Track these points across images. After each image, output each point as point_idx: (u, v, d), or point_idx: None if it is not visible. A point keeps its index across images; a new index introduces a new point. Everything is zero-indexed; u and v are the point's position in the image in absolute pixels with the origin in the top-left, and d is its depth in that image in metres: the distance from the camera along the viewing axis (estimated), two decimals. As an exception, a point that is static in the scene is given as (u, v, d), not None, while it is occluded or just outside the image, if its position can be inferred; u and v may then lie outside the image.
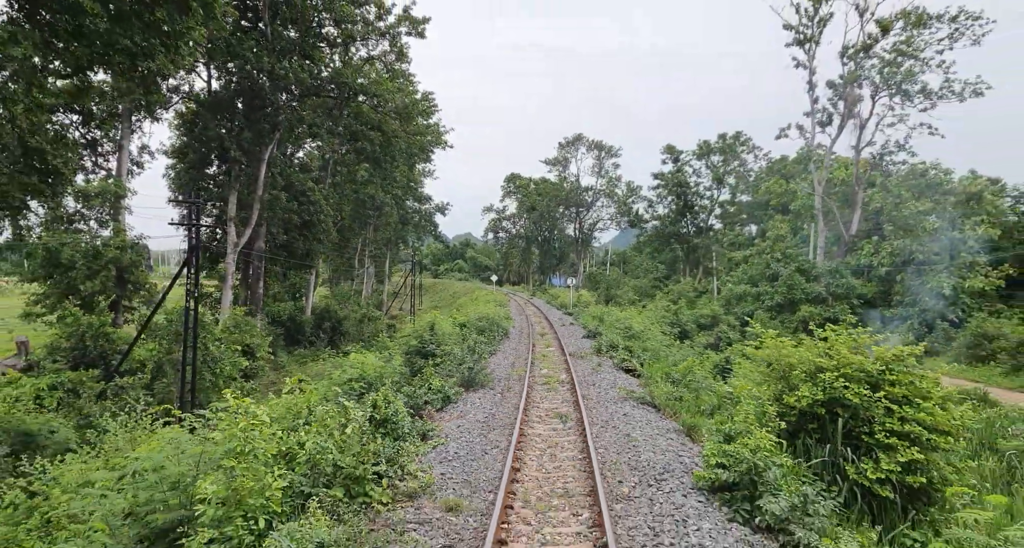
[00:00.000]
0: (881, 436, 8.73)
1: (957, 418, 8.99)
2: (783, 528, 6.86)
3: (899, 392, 9.06)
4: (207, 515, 6.63)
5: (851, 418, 9.11)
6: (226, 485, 6.93)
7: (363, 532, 6.88)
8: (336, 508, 7.19)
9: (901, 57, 38.14)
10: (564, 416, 12.82)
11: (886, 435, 8.73)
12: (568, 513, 7.80)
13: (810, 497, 7.15)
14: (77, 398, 19.11)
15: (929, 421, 8.82)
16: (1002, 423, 22.42)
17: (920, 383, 9.22)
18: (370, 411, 9.49)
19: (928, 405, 8.88)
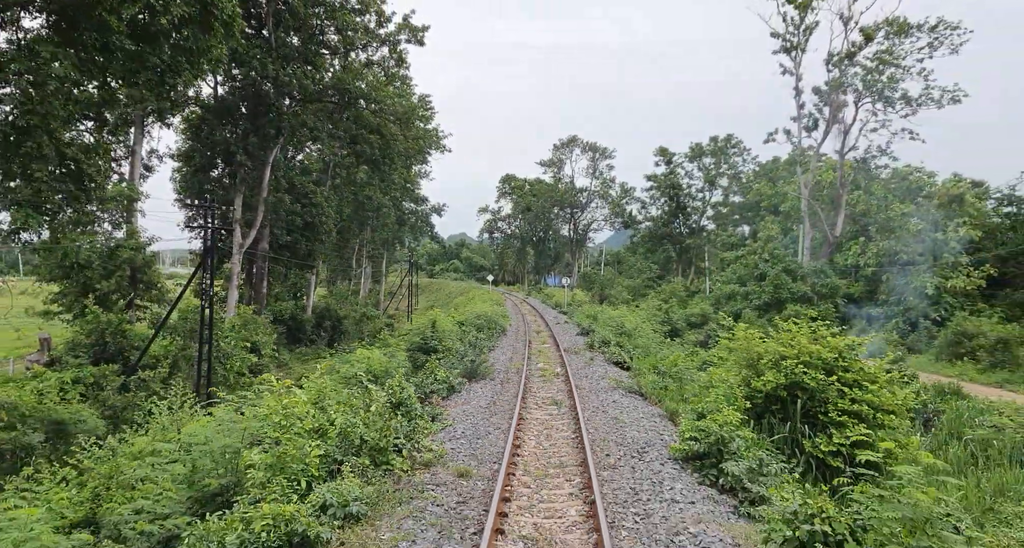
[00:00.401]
0: (834, 415, 10.06)
1: (900, 399, 10.34)
2: (742, 486, 8.18)
3: (850, 377, 10.41)
4: (255, 479, 7.89)
5: (809, 400, 10.45)
6: (273, 453, 8.19)
7: (389, 491, 8.17)
8: (365, 473, 8.46)
9: (883, 65, 39.62)
10: (559, 403, 14.12)
11: (838, 414, 10.07)
12: (562, 479, 9.10)
13: (764, 461, 8.48)
14: (101, 391, 20.30)
15: (875, 401, 10.16)
16: (970, 414, 23.93)
17: (868, 369, 10.56)
18: (387, 395, 10.77)
19: (874, 388, 10.23)
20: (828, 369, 10.53)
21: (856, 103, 41.97)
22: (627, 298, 61.54)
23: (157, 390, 20.85)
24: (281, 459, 8.21)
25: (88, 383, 21.00)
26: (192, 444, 9.38)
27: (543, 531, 7.19)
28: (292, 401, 8.94)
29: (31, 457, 15.42)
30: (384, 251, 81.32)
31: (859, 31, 40.88)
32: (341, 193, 52.60)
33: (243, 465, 8.42)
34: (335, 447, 8.86)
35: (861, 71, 40.48)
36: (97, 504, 8.45)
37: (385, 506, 7.70)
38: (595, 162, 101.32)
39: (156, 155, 33.81)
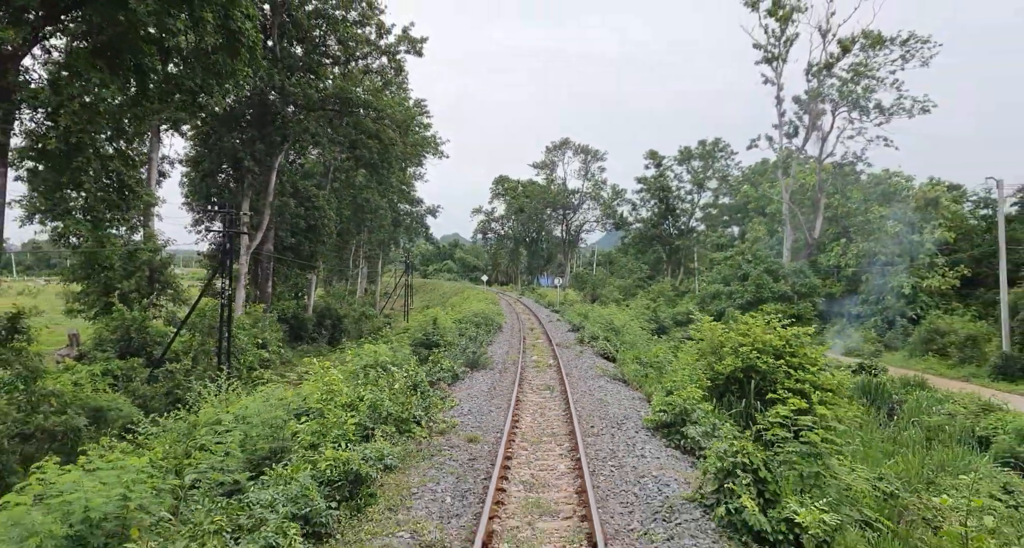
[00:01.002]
0: (781, 392, 11.99)
1: (836, 380, 12.30)
2: (698, 446, 10.11)
3: (795, 361, 12.35)
4: (304, 441, 9.75)
5: (761, 380, 12.39)
6: (317, 421, 10.05)
7: (413, 450, 10.06)
8: (391, 438, 10.33)
9: (858, 76, 41.80)
10: (551, 388, 16.04)
11: (785, 391, 12.00)
12: (554, 444, 11.00)
13: (717, 425, 10.41)
14: (130, 382, 22.03)
15: (816, 381, 12.11)
16: (928, 404, 26.11)
17: (810, 354, 12.53)
18: (406, 377, 12.64)
19: (814, 369, 12.18)
20: (777, 354, 12.48)
21: (833, 112, 44.20)
22: (618, 298, 63.52)
23: (181, 381, 22.70)
24: (324, 426, 10.08)
25: (116, 375, 22.73)
26: (244, 416, 11.23)
27: (538, 478, 9.10)
28: (331, 379, 10.81)
29: (79, 439, 17.22)
30: (380, 252, 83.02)
31: (837, 43, 43.08)
32: (340, 196, 54.34)
33: (289, 433, 10.29)
34: (366, 418, 10.72)
35: (837, 82, 42.67)
36: (178, 461, 10.28)
37: (411, 461, 9.60)
38: (587, 164, 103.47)
39: (168, 161, 35.46)
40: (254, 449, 10.62)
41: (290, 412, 10.99)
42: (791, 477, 7.47)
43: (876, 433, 20.94)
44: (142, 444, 12.56)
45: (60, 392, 17.91)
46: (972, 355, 41.35)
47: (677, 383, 12.22)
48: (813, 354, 12.57)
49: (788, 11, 43.88)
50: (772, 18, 44.16)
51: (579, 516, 7.59)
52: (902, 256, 50.59)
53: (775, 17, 44.09)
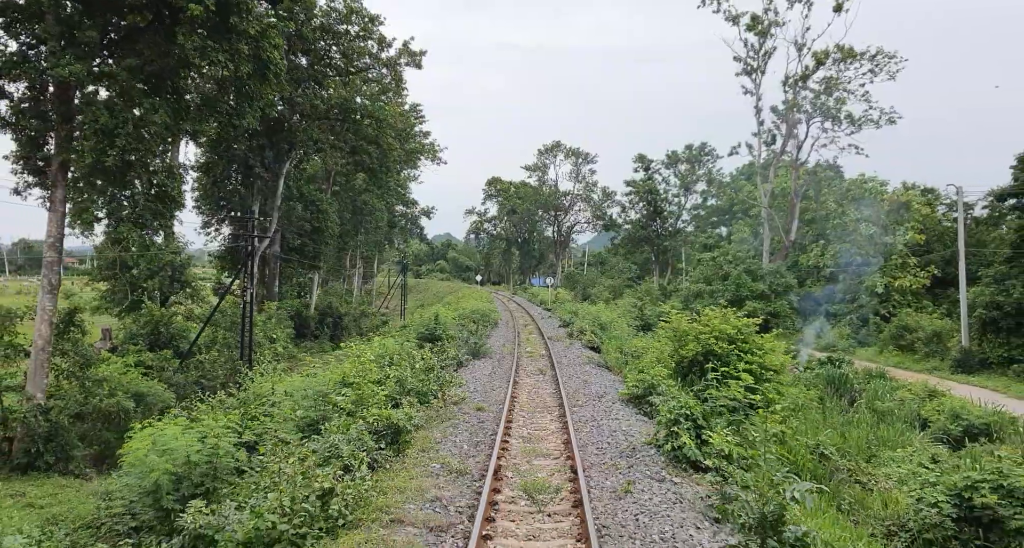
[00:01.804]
0: (733, 372, 14.54)
1: (779, 362, 14.88)
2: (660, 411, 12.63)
3: (746, 346, 14.91)
4: (345, 409, 12.20)
5: (718, 362, 14.92)
6: (355, 393, 12.51)
7: (433, 415, 12.55)
8: (415, 406, 12.79)
9: (829, 89, 44.62)
10: (543, 372, 18.57)
11: (736, 371, 14.56)
12: (546, 413, 13.52)
13: (675, 395, 12.95)
14: (162, 371, 24.36)
15: (763, 361, 14.68)
16: (884, 391, 28.95)
17: (758, 340, 15.11)
18: (422, 360, 15.13)
19: (760, 353, 14.75)
20: (731, 340, 15.04)
21: (807, 122, 46.99)
22: (608, 297, 66.16)
23: (209, 370, 25.08)
24: (361, 397, 12.54)
25: (148, 365, 25.04)
26: (291, 391, 13.70)
27: (533, 434, 11.62)
28: (365, 360, 13.29)
29: (128, 418, 19.59)
30: (376, 252, 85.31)
31: (812, 56, 45.86)
32: (341, 199, 56.66)
33: (330, 404, 12.75)
34: (394, 391, 13.20)
35: (811, 94, 45.48)
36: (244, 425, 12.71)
37: (433, 423, 12.10)
38: (578, 167, 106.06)
39: (183, 168, 37.64)
40: (301, 417, 13.11)
41: (329, 387, 13.45)
42: (720, 423, 10.01)
43: (836, 417, 23.71)
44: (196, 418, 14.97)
45: (109, 378, 20.28)
46: (937, 350, 44.24)
47: (648, 364, 14.76)
48: (760, 340, 15.15)
49: (766, 26, 46.64)
50: (751, 32, 46.91)
51: (565, 456, 10.11)
52: (876, 257, 53.35)
53: (754, 31, 46.82)
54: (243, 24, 18.40)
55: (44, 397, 18.17)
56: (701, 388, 14.80)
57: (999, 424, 20.80)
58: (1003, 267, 38.60)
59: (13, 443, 17.91)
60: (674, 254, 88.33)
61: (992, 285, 38.68)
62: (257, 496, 7.96)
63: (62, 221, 18.68)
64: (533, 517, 7.63)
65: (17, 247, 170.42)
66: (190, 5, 16.66)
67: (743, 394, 10.71)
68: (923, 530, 11.28)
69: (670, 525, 7.02)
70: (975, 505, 10.59)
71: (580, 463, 9.30)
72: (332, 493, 7.45)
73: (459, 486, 8.55)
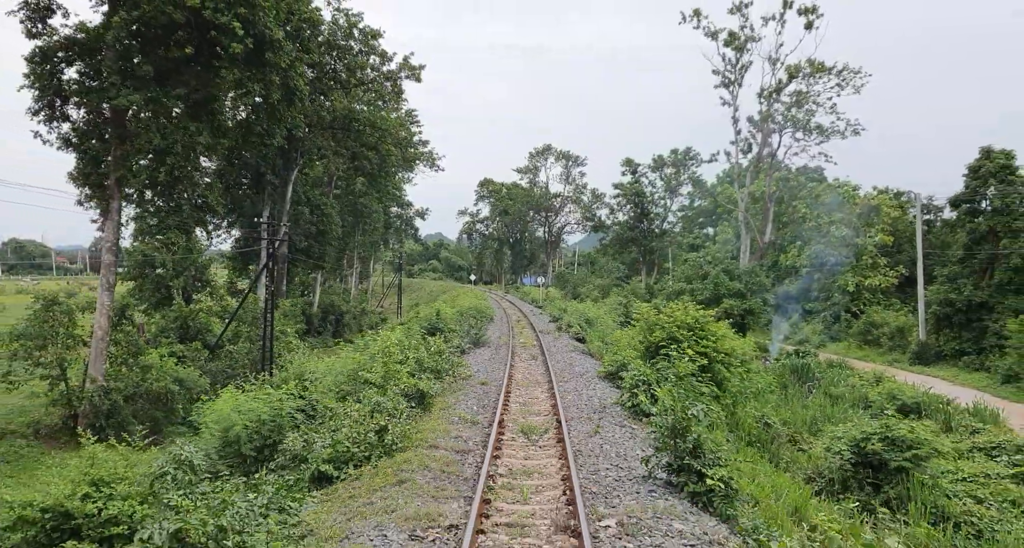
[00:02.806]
0: (692, 353, 17.67)
1: (729, 346, 18.05)
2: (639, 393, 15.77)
3: (703, 333, 18.06)
4: (374, 383, 15.22)
5: (680, 345, 18.05)
6: (383, 370, 15.54)
7: (446, 387, 15.62)
8: (431, 380, 15.85)
9: (799, 102, 48.05)
10: (535, 357, 21.67)
11: (697, 351, 17.70)
12: (537, 387, 16.61)
13: (641, 370, 16.08)
14: (194, 361, 27.23)
15: (717, 346, 17.84)
16: (839, 378, 32.30)
17: (712, 328, 18.28)
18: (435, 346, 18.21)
19: (714, 339, 17.90)
20: (690, 328, 18.20)
21: (780, 132, 50.41)
22: (596, 296, 69.35)
23: (236, 360, 28.00)
24: (386, 374, 15.58)
25: (180, 356, 27.90)
26: (329, 370, 16.72)
27: (527, 401, 14.72)
28: (389, 343, 16.34)
29: (173, 399, 22.53)
30: (372, 252, 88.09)
31: (784, 70, 49.25)
32: (342, 201, 59.52)
33: (361, 380, 15.75)
34: (413, 369, 16.24)
35: (782, 107, 48.89)
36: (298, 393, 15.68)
37: (448, 392, 15.18)
38: (568, 169, 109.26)
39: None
40: (338, 389, 16.14)
41: (359, 367, 16.48)
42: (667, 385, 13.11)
43: (796, 399, 27.03)
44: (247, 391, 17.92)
45: (155, 365, 23.20)
46: (900, 344, 47.77)
47: (621, 348, 17.90)
48: (714, 328, 18.33)
49: (743, 41, 49.97)
50: (728, 47, 50.22)
51: (552, 413, 13.21)
52: (848, 258, 56.77)
53: (731, 46, 50.14)
54: (276, 58, 21.36)
55: (104, 380, 21.07)
56: (660, 365, 17.98)
57: (927, 403, 24.15)
58: (956, 267, 42.09)
59: (78, 419, 20.78)
60: (661, 254, 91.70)
61: (946, 284, 42.18)
62: (326, 434, 10.99)
63: (117, 228, 21.59)
64: (528, 447, 10.72)
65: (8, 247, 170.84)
66: (232, 45, 19.63)
67: (691, 368, 13.77)
68: (831, 474, 14.51)
69: (623, 449, 10.14)
70: (867, 451, 13.78)
71: (563, 416, 12.40)
72: (386, 429, 10.52)
73: (474, 430, 11.64)
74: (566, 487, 8.42)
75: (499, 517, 7.49)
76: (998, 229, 39.17)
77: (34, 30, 20.27)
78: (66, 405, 20.93)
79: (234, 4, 19.57)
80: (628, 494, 8.08)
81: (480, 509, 7.48)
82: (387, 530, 6.74)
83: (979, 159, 40.36)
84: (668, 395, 9.41)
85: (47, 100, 20.85)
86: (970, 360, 38.83)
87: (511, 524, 7.24)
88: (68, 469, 10.10)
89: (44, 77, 20.63)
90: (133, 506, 9.52)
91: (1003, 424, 23.75)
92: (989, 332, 38.16)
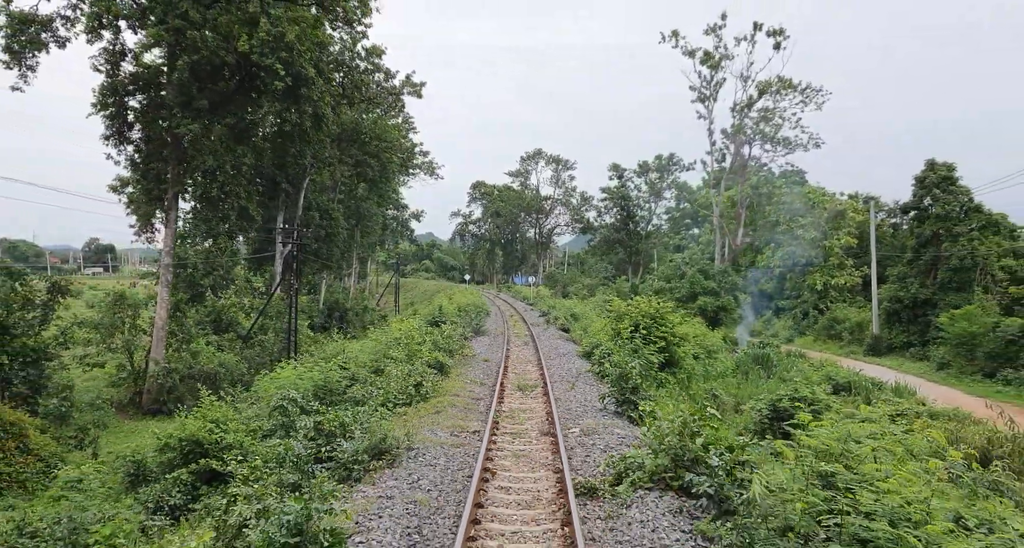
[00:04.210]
0: (654, 338, 21.96)
1: (682, 331, 22.36)
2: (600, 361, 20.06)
3: (662, 321, 22.37)
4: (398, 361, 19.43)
5: (645, 331, 22.33)
6: (406, 349, 19.74)
7: (457, 362, 19.83)
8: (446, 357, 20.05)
9: (767, 118, 52.65)
10: (527, 343, 25.94)
11: (655, 338, 21.98)
12: (529, 364, 20.86)
13: (613, 349, 20.37)
14: (230, 349, 31.26)
15: (674, 331, 22.15)
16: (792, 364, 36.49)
17: (669, 318, 22.60)
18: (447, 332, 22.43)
19: (671, 325, 22.20)
20: (652, 316, 22.49)
21: (750, 144, 54.98)
22: (584, 294, 73.79)
23: (267, 348, 32.03)
24: (410, 352, 19.76)
25: (216, 346, 31.91)
26: (362, 350, 20.87)
27: (522, 372, 18.98)
28: (410, 328, 20.55)
29: (219, 379, 26.52)
30: (370, 253, 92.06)
31: (755, 86, 53.78)
32: (345, 205, 63.53)
33: (388, 357, 19.93)
34: (430, 348, 20.42)
35: (751, 122, 53.50)
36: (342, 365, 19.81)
37: (459, 366, 19.41)
38: (558, 173, 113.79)
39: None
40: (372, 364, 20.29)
41: (386, 347, 20.65)
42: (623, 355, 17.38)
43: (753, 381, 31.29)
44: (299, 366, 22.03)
45: (203, 350, 27.24)
46: (858, 338, 52.35)
47: (596, 333, 22.19)
48: (672, 317, 22.64)
49: (717, 60, 54.45)
50: (704, 65, 54.70)
51: (540, 379, 17.46)
52: (818, 259, 61.32)
53: (707, 64, 54.62)
54: (309, 92, 25.47)
55: (164, 362, 25.11)
56: (624, 344, 22.29)
57: (856, 383, 28.56)
58: (904, 268, 46.72)
59: (143, 395, 24.83)
60: (646, 255, 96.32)
61: (896, 283, 46.81)
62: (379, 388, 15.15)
63: (174, 235, 25.63)
64: (523, 398, 14.98)
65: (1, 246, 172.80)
66: (275, 83, 23.73)
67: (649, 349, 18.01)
68: (754, 426, 18.84)
69: (589, 397, 14.43)
70: (780, 407, 18.10)
71: (548, 379, 16.66)
72: (421, 384, 14.73)
73: (483, 388, 15.88)
74: (548, 416, 12.68)
75: (504, 428, 11.77)
76: (941, 233, 43.78)
77: (106, 70, 24.29)
78: (133, 383, 24.96)
79: (277, 49, 23.63)
80: (588, 417, 12.37)
81: (492, 425, 11.73)
82: (436, 431, 10.99)
83: (924, 170, 44.95)
84: (619, 355, 13.57)
85: (116, 127, 24.84)
86: (915, 351, 43.36)
87: (512, 432, 11.50)
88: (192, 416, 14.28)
89: (110, 105, 24.65)
90: (241, 437, 13.78)
91: (918, 399, 28.21)
92: (932, 326, 42.70)
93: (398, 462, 9.10)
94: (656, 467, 8.19)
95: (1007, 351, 33.40)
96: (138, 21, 23.27)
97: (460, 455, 9.71)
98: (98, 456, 17.98)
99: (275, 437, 11.94)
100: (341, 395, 15.51)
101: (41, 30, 23.19)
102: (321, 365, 18.56)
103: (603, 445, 10.35)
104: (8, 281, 20.99)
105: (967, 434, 17.99)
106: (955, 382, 35.32)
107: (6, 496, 15.38)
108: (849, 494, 5.40)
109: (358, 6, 27.88)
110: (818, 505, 5.25)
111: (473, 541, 6.72)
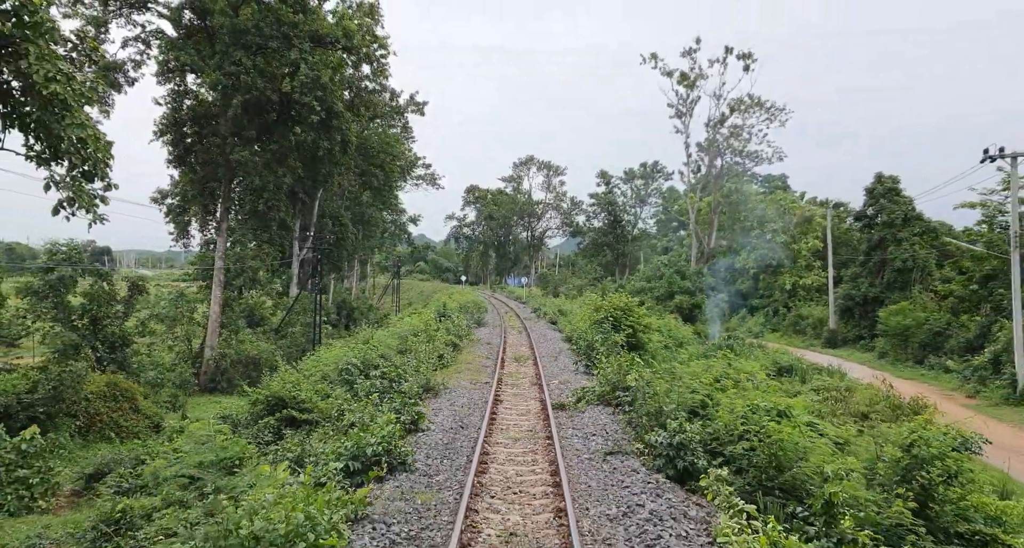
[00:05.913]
0: (625, 326, 27.13)
1: (647, 320, 27.61)
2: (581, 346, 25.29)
3: (631, 313, 27.58)
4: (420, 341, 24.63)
5: (614, 321, 27.50)
6: (425, 335, 24.92)
7: (466, 345, 25.03)
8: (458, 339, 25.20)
9: (737, 132, 58.21)
10: (521, 332, 31.17)
11: (626, 326, 27.16)
12: (523, 346, 26.08)
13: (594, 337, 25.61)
14: (265, 341, 36.22)
15: (641, 321, 27.39)
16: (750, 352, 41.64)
17: (636, 310, 27.86)
18: (455, 323, 27.62)
19: (637, 316, 27.43)
20: (623, 308, 27.71)
21: (722, 156, 60.47)
22: (574, 294, 79.17)
23: (296, 340, 37.07)
24: (428, 336, 24.91)
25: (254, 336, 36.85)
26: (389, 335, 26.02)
27: (518, 351, 24.23)
28: (428, 318, 25.72)
29: (260, 364, 31.50)
30: (370, 255, 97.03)
31: (727, 105, 59.30)
32: (351, 211, 68.59)
33: (408, 343, 25.09)
34: (444, 333, 25.56)
35: (721, 137, 59.03)
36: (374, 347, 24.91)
37: (467, 346, 24.61)
38: (549, 178, 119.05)
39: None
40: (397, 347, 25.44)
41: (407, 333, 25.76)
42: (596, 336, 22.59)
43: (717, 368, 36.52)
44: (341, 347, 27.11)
45: (248, 340, 32.27)
46: (819, 332, 57.83)
47: (576, 322, 27.46)
48: (638, 311, 27.88)
49: (693, 79, 59.89)
50: (681, 85, 60.14)
51: (531, 355, 22.67)
52: (788, 260, 66.73)
53: (683, 84, 60.07)
54: (339, 123, 30.57)
55: (217, 348, 30.10)
56: (605, 336, 27.52)
57: (796, 366, 33.91)
58: (857, 269, 52.26)
59: (200, 376, 29.80)
60: (632, 257, 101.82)
61: (849, 283, 52.36)
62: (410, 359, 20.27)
63: (225, 241, 30.66)
64: (518, 365, 20.21)
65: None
66: (311, 116, 28.81)
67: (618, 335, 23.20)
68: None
69: (567, 365, 19.72)
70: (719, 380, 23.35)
71: (537, 355, 21.88)
72: (443, 357, 19.90)
73: (488, 360, 21.10)
74: (536, 376, 17.90)
75: (506, 381, 17.04)
76: (887, 238, 49.33)
77: (171, 105, 29.30)
78: (192, 365, 29.93)
79: (313, 88, 28.75)
80: (565, 375, 17.65)
81: (498, 379, 16.93)
82: (460, 380, 16.21)
83: (873, 182, 50.52)
84: (590, 335, 18.75)
85: (177, 153, 29.87)
86: (865, 343, 48.86)
87: (512, 384, 16.75)
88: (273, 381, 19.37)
89: (171, 132, 29.65)
90: (312, 396, 18.91)
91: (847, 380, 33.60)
92: (879, 321, 48.26)
93: (441, 394, 14.31)
94: (601, 392, 13.44)
95: (935, 341, 38.80)
96: (199, 68, 28.29)
97: (479, 392, 14.95)
98: (187, 418, 22.99)
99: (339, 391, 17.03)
100: (377, 369, 20.59)
101: (117, 74, 28.22)
102: (360, 346, 23.63)
103: (572, 388, 15.61)
104: (99, 281, 25.93)
105: (858, 397, 23.42)
106: (890, 368, 40.76)
107: (127, 443, 20.40)
108: (686, 386, 10.68)
109: (377, 47, 32.95)
110: (668, 389, 10.53)
111: (493, 422, 11.96)
